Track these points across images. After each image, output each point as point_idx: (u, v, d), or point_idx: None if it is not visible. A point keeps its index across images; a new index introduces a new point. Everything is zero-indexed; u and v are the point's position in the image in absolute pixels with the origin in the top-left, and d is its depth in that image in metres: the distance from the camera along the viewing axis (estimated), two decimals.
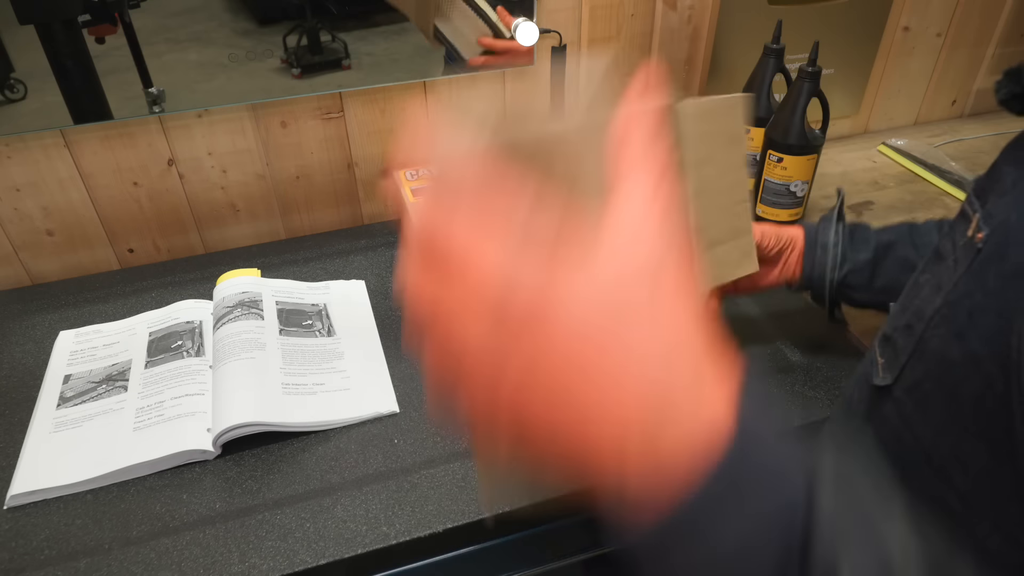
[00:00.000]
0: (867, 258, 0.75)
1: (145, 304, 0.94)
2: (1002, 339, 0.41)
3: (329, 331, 0.88)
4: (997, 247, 0.44)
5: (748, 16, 1.11)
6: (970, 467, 0.46)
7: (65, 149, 0.93)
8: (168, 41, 0.89)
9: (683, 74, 1.16)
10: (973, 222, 0.48)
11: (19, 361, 0.86)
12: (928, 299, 0.50)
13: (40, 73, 0.86)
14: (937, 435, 0.48)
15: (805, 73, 0.95)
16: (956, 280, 0.47)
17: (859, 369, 0.60)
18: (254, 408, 0.73)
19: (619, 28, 1.08)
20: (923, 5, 1.23)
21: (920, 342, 0.49)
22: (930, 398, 0.48)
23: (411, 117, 1.03)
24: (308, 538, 0.66)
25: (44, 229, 0.98)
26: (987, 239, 0.45)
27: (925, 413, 0.49)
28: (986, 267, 0.45)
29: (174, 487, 0.71)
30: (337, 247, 1.06)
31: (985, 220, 0.47)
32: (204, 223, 1.05)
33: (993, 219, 0.46)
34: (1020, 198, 0.44)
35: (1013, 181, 0.46)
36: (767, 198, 1.03)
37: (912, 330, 0.51)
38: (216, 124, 0.97)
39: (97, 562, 0.64)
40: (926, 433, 0.49)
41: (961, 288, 0.47)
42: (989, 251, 0.45)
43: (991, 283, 0.44)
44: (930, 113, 1.39)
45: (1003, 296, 0.42)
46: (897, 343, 0.52)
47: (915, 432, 0.49)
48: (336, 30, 0.97)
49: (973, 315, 0.45)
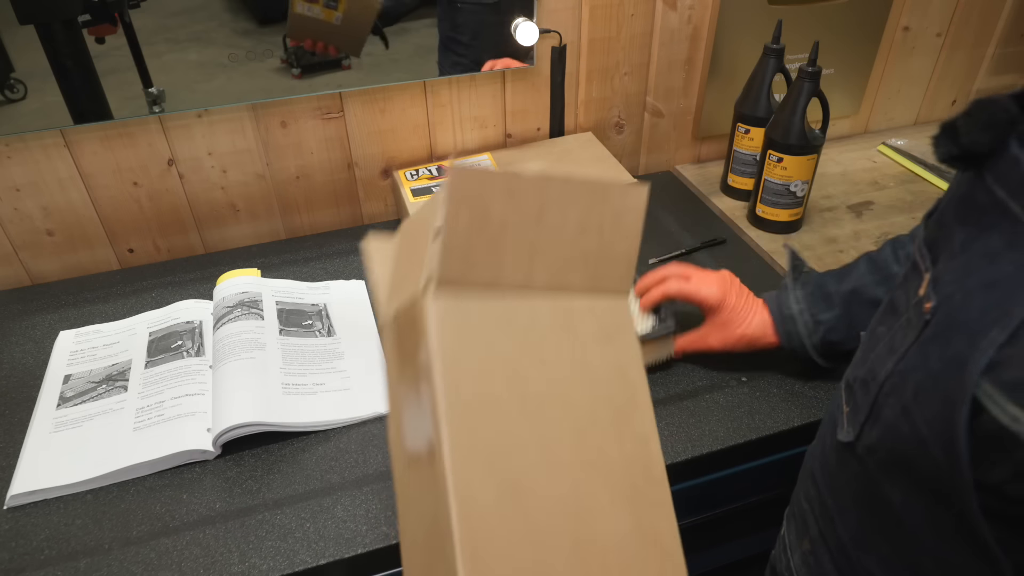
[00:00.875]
0: (837, 314, 0.73)
1: (145, 304, 0.94)
2: (944, 428, 0.40)
3: (329, 331, 0.88)
4: (941, 328, 0.43)
5: (748, 16, 1.11)
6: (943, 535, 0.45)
7: (65, 149, 0.93)
8: (168, 41, 0.89)
9: (683, 74, 1.16)
10: (924, 282, 0.46)
11: (19, 361, 0.86)
12: (881, 359, 0.48)
13: (40, 73, 0.86)
14: (904, 502, 0.47)
15: (805, 73, 0.95)
16: (905, 348, 0.46)
17: (830, 408, 0.59)
18: (254, 408, 0.74)
19: (619, 28, 1.08)
20: (923, 5, 1.23)
21: (875, 405, 0.48)
22: (889, 466, 0.47)
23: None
24: (308, 538, 0.66)
25: (44, 229, 0.98)
26: (934, 312, 0.43)
27: (889, 478, 0.48)
28: (931, 345, 0.43)
29: (174, 487, 0.71)
30: (337, 247, 1.06)
31: (934, 286, 0.45)
32: (204, 223, 1.05)
33: (940, 289, 0.44)
34: (966, 268, 0.42)
35: (962, 243, 0.44)
36: (767, 198, 1.03)
37: (868, 389, 0.49)
38: (216, 124, 0.97)
39: (97, 562, 0.64)
40: (893, 498, 0.48)
41: (909, 360, 0.45)
42: (934, 329, 0.43)
43: (934, 364, 0.42)
44: (930, 113, 1.39)
45: (944, 383, 0.41)
46: (857, 397, 0.51)
47: (883, 493, 0.48)
48: None
49: (918, 395, 0.43)
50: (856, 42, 1.22)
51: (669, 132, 1.22)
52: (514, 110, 1.11)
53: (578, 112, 1.15)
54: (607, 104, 1.16)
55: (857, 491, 0.52)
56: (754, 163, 1.09)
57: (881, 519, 0.49)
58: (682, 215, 1.12)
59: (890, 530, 0.49)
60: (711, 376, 0.82)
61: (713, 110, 1.20)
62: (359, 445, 0.75)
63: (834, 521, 0.55)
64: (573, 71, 1.10)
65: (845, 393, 0.54)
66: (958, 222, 0.45)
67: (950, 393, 0.40)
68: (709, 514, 0.87)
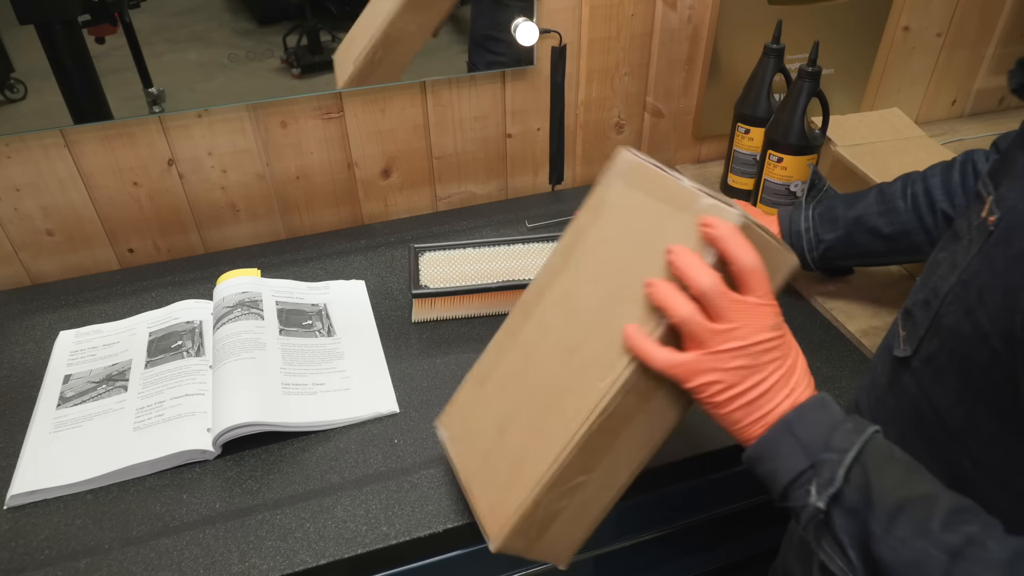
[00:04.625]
0: (838, 236, 0.83)
1: (145, 304, 0.94)
2: (1006, 317, 0.44)
3: (329, 331, 0.88)
4: (1006, 231, 0.47)
5: (748, 16, 1.11)
6: (982, 433, 0.49)
7: (65, 149, 0.93)
8: (168, 41, 0.89)
9: (683, 74, 1.16)
10: (987, 204, 0.50)
11: (19, 361, 0.86)
12: (944, 276, 0.52)
13: (40, 73, 0.86)
14: (952, 404, 0.51)
15: (805, 73, 0.95)
16: (969, 260, 0.50)
17: (883, 341, 0.63)
18: (254, 408, 0.73)
19: (619, 28, 1.08)
20: (923, 5, 1.23)
21: (936, 317, 0.52)
22: (945, 370, 0.51)
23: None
24: (308, 538, 0.66)
25: (44, 229, 0.98)
26: (998, 222, 0.48)
27: (941, 383, 0.52)
28: (995, 249, 0.47)
29: (174, 487, 0.71)
30: (337, 247, 1.06)
31: (997, 203, 0.49)
32: (204, 223, 1.05)
33: (1004, 203, 0.48)
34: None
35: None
36: (767, 198, 1.03)
37: (929, 305, 0.53)
38: (216, 124, 0.97)
39: (97, 562, 0.64)
40: (942, 402, 0.52)
41: (973, 268, 0.49)
42: (999, 234, 0.47)
43: (998, 264, 0.46)
44: (930, 113, 1.39)
45: (1008, 277, 0.45)
46: (916, 317, 0.55)
47: (932, 401, 0.53)
48: (336, 30, 0.97)
49: (982, 293, 0.47)
50: (856, 42, 1.22)
51: (669, 132, 1.22)
52: (514, 110, 1.11)
53: (578, 112, 1.15)
54: (607, 104, 1.16)
55: (903, 404, 0.56)
56: (754, 163, 1.09)
57: (925, 426, 0.53)
58: None
59: (931, 435, 0.53)
60: None
61: (713, 110, 1.20)
62: (359, 445, 0.75)
63: None
64: (573, 71, 1.10)
65: (903, 319, 0.58)
66: (1021, 149, 0.50)
67: (1013, 283, 0.44)
68: (710, 514, 0.87)
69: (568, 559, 0.60)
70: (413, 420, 0.78)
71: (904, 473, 0.47)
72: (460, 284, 0.88)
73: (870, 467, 0.47)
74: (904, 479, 0.47)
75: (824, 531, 0.48)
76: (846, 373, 0.82)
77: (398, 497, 0.69)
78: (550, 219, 1.10)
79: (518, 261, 0.92)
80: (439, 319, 0.91)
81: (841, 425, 0.49)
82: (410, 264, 0.91)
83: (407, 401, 0.80)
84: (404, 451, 0.74)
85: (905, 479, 0.47)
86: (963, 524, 0.44)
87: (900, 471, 0.47)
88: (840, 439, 0.48)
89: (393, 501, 0.69)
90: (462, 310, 0.91)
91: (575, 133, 1.17)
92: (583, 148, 1.19)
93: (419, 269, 0.91)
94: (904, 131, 1.15)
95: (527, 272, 0.90)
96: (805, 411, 0.50)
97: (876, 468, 0.47)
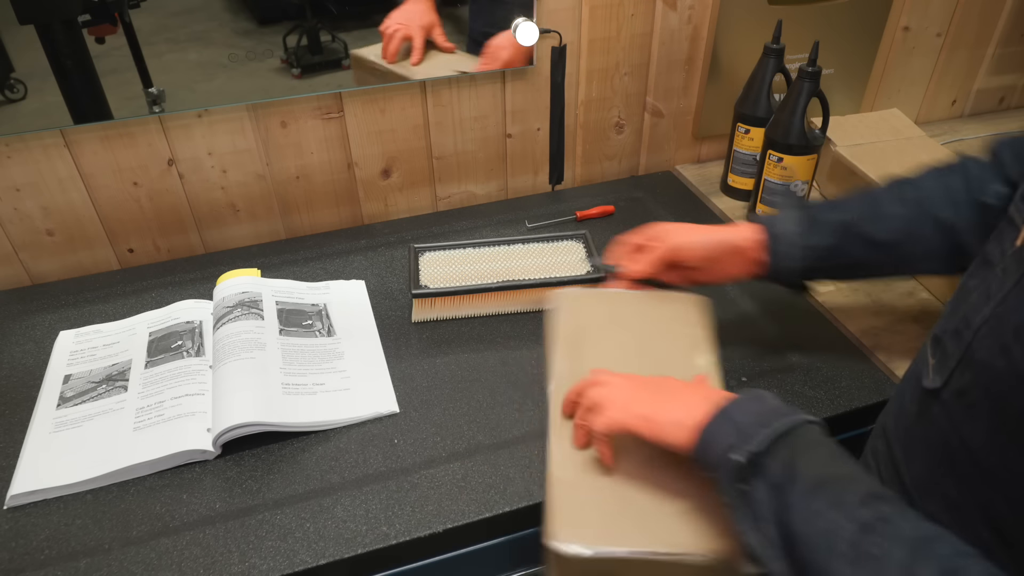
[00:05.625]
0: (828, 243, 0.73)
1: (145, 304, 0.94)
2: None
3: (329, 331, 0.88)
4: None
5: (748, 16, 1.11)
6: (1018, 474, 0.46)
7: (65, 149, 0.93)
8: (168, 41, 0.89)
9: (683, 74, 1.16)
10: (1022, 233, 0.48)
11: (19, 361, 0.86)
12: (977, 307, 0.51)
13: (40, 73, 0.86)
14: (985, 442, 0.48)
15: (805, 73, 0.95)
16: (1005, 293, 0.48)
17: (911, 367, 0.61)
18: (254, 408, 0.73)
19: (619, 28, 1.08)
20: (923, 5, 1.23)
21: (968, 349, 0.50)
22: (977, 406, 0.49)
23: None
24: (308, 538, 0.66)
25: (44, 229, 0.98)
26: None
27: (973, 420, 0.49)
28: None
29: (174, 487, 0.71)
30: (337, 247, 1.06)
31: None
32: (204, 223, 1.05)
33: None
34: None
35: None
36: (767, 198, 1.03)
37: (961, 336, 0.51)
38: (216, 124, 0.97)
39: (97, 562, 0.64)
40: (974, 439, 0.49)
41: (1010, 302, 0.47)
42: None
43: None
44: (930, 113, 1.39)
45: None
46: (947, 347, 0.53)
47: (963, 437, 0.50)
48: (336, 30, 0.97)
49: (1020, 332, 0.45)
50: (856, 42, 1.22)
51: (669, 132, 1.22)
52: (514, 110, 1.11)
53: (578, 112, 1.15)
54: (607, 104, 1.16)
55: (933, 437, 0.54)
56: (754, 163, 1.09)
57: (954, 462, 0.51)
58: (682, 215, 1.12)
59: (963, 472, 0.51)
60: None
61: (713, 110, 1.20)
62: (359, 445, 0.75)
63: (899, 470, 0.57)
64: (573, 71, 1.10)
65: (932, 346, 0.56)
66: None
67: None
68: None
69: None
70: (413, 420, 0.78)
71: (829, 456, 0.49)
72: (460, 284, 0.88)
73: (797, 447, 0.49)
74: (829, 461, 0.49)
75: (745, 504, 0.50)
76: (846, 373, 0.82)
77: (398, 497, 0.70)
78: (550, 219, 1.10)
79: (518, 261, 0.92)
80: (439, 319, 0.91)
81: (776, 410, 0.53)
82: (410, 264, 0.91)
83: (407, 401, 0.80)
84: (404, 451, 0.74)
85: (830, 461, 0.49)
86: (880, 504, 0.45)
87: (826, 454, 0.50)
88: (774, 419, 0.51)
89: (393, 501, 0.69)
90: (462, 310, 0.91)
91: (575, 133, 1.17)
92: (583, 148, 1.19)
93: (419, 269, 0.91)
94: (904, 131, 1.15)
95: (527, 272, 0.90)
96: (741, 401, 0.55)
97: (803, 447, 0.49)
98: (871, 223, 0.72)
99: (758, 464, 0.50)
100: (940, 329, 0.56)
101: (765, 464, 0.49)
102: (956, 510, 0.51)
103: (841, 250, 0.73)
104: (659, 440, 0.57)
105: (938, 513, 0.53)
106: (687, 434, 0.55)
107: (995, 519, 0.48)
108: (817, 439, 0.51)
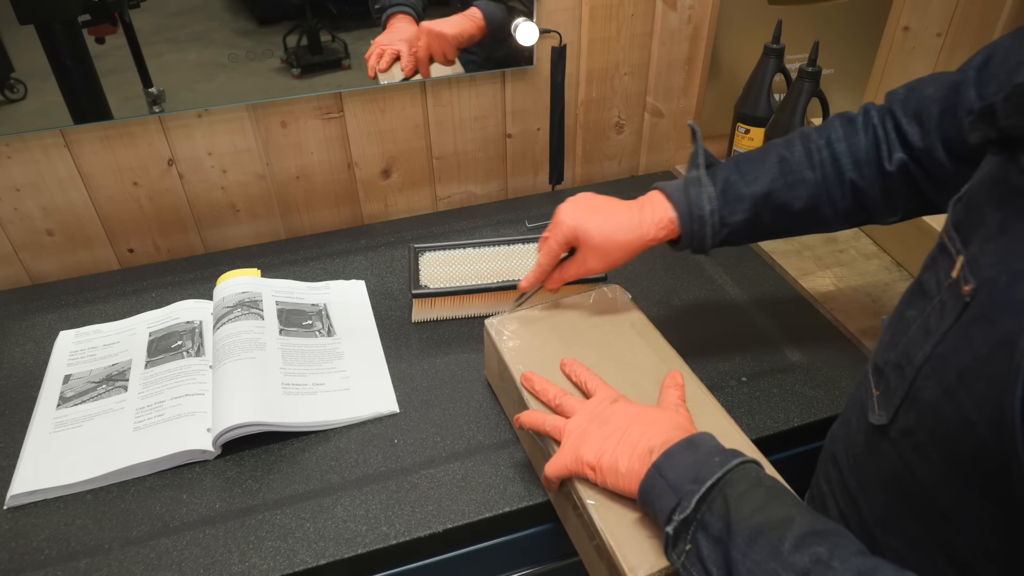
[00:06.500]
0: (745, 217, 0.70)
1: (145, 304, 0.94)
2: (994, 408, 0.40)
3: (329, 331, 0.88)
4: (985, 309, 0.43)
5: (748, 16, 1.11)
6: (977, 516, 0.45)
7: (65, 149, 0.93)
8: (168, 41, 0.89)
9: (683, 74, 1.16)
10: (957, 264, 0.46)
11: (19, 361, 0.86)
12: (916, 343, 0.49)
13: (40, 73, 0.86)
14: (939, 483, 0.47)
15: (805, 73, 0.95)
16: (944, 332, 0.46)
17: (855, 392, 0.59)
18: (254, 408, 0.74)
19: (619, 28, 1.08)
20: (923, 5, 1.23)
21: (912, 389, 0.49)
22: (927, 447, 0.47)
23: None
24: (308, 538, 0.66)
25: (44, 229, 0.98)
26: (975, 294, 0.44)
27: (924, 459, 0.48)
28: (975, 328, 0.43)
29: (174, 487, 0.71)
30: (337, 247, 1.06)
31: (971, 268, 0.45)
32: (204, 223, 1.05)
33: (980, 271, 0.44)
34: (1010, 251, 0.42)
35: (999, 226, 0.44)
36: None
37: (903, 372, 0.50)
38: (216, 124, 0.97)
39: (97, 562, 0.64)
40: (928, 480, 0.48)
41: (950, 343, 0.45)
42: (977, 311, 0.43)
43: (980, 347, 0.42)
44: None
45: (993, 365, 0.41)
46: (889, 380, 0.52)
47: (916, 476, 0.49)
48: (336, 30, 0.97)
49: (963, 377, 0.43)
50: (856, 42, 1.22)
51: (669, 132, 1.22)
52: (514, 110, 1.11)
53: (578, 112, 1.15)
54: (607, 104, 1.16)
55: (887, 473, 0.52)
56: None
57: (912, 500, 0.50)
58: None
59: (921, 510, 0.49)
60: (711, 376, 0.82)
61: (713, 110, 1.20)
62: (359, 445, 0.75)
63: (857, 503, 0.56)
64: (573, 71, 1.10)
65: (874, 377, 0.55)
66: (991, 204, 0.46)
67: (1000, 375, 0.40)
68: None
69: None
70: (413, 420, 0.78)
71: (764, 500, 0.50)
72: (460, 284, 0.88)
73: (731, 496, 0.50)
74: (763, 505, 0.49)
75: (695, 561, 0.50)
76: (846, 373, 0.82)
77: (398, 497, 0.70)
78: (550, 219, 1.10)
79: (518, 261, 0.92)
80: (439, 319, 0.91)
81: (708, 458, 0.53)
82: (410, 264, 0.91)
83: (407, 401, 0.80)
84: (404, 451, 0.74)
85: (764, 505, 0.49)
86: (814, 545, 0.45)
87: (760, 497, 0.50)
88: (705, 471, 0.52)
89: (393, 501, 0.69)
90: (462, 310, 0.91)
91: (575, 133, 1.17)
92: (583, 148, 1.19)
93: (419, 269, 0.91)
94: None
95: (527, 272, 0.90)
96: (673, 453, 0.54)
97: (737, 496, 0.50)
98: (786, 192, 0.69)
99: (698, 520, 0.50)
100: (880, 359, 0.54)
101: (704, 520, 0.50)
102: (918, 547, 0.50)
103: (757, 222, 0.71)
104: (607, 488, 0.58)
105: (900, 549, 0.51)
106: (629, 485, 0.56)
107: (956, 558, 0.47)
108: (752, 481, 0.51)
